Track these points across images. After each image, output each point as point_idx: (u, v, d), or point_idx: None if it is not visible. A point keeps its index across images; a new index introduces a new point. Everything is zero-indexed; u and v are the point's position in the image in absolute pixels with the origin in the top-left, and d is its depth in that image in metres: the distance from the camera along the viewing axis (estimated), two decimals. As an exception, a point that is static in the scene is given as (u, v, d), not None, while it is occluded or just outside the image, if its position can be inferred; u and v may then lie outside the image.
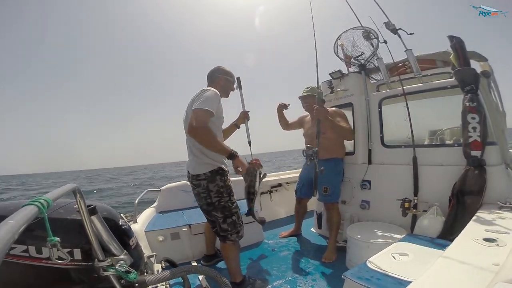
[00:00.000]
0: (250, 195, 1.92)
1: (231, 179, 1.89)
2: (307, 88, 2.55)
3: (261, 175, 1.92)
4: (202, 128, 1.57)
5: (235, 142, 2.18)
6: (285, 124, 2.78)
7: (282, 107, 2.69)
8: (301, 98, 2.58)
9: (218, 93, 1.74)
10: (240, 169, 1.75)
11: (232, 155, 1.69)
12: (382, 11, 2.21)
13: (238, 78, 2.16)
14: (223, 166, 1.80)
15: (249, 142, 2.30)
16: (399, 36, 2.20)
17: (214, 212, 1.78)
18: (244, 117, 2.23)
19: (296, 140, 2.85)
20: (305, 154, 2.36)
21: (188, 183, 2.49)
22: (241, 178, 2.06)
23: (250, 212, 2.00)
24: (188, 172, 1.85)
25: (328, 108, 2.46)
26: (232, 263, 1.85)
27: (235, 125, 2.24)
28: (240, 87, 2.21)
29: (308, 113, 2.67)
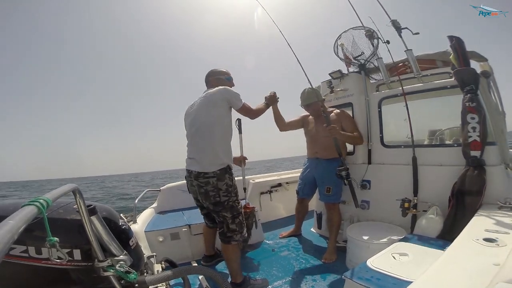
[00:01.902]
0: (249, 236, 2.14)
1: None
2: (303, 94, 2.48)
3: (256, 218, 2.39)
4: (254, 113, 1.95)
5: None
6: (283, 124, 2.53)
7: (274, 99, 2.23)
8: (304, 107, 2.54)
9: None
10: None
11: (267, 105, 2.11)
12: (385, 11, 2.21)
13: (239, 120, 2.20)
14: (230, 164, 1.84)
15: (245, 189, 2.46)
16: (400, 36, 2.20)
17: (224, 212, 1.77)
18: (241, 160, 2.27)
19: (300, 147, 2.84)
20: (339, 176, 2.24)
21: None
22: (236, 178, 2.19)
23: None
24: (189, 171, 1.84)
25: (334, 110, 2.47)
26: (234, 264, 1.84)
27: None
28: (240, 131, 2.25)
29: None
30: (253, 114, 1.94)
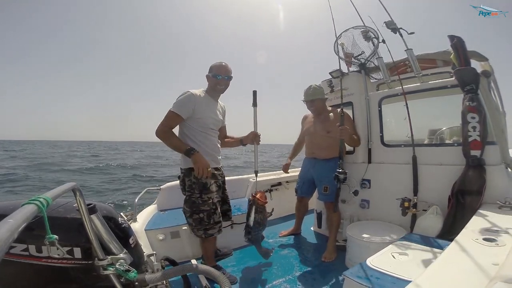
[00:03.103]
0: (247, 227, 1.98)
1: (228, 178, 1.91)
2: (309, 89, 2.48)
3: (260, 211, 1.97)
4: (159, 132, 1.77)
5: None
6: (301, 146, 2.82)
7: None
8: (307, 102, 2.50)
9: (193, 94, 1.82)
10: (197, 167, 1.75)
11: (187, 152, 1.75)
12: (386, 9, 2.21)
13: (254, 92, 2.04)
14: None
15: (256, 172, 2.14)
16: (401, 35, 2.20)
17: (185, 206, 1.90)
18: (252, 138, 2.07)
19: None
20: (335, 177, 2.20)
21: None
22: (238, 177, 2.02)
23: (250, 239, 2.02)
24: None
25: (334, 110, 2.47)
26: (203, 252, 2.03)
27: (240, 141, 2.15)
28: (254, 104, 2.04)
29: (307, 112, 2.67)
30: (160, 127, 1.78)
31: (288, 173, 2.88)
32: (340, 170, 2.20)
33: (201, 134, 1.87)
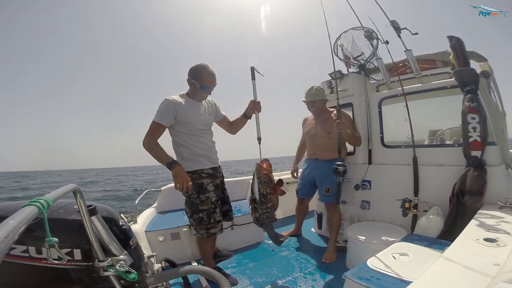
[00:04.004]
0: (253, 202, 1.82)
1: (228, 179, 1.91)
2: (310, 90, 2.48)
3: (264, 181, 1.77)
4: (144, 143, 1.79)
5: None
6: (304, 150, 2.80)
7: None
8: (308, 103, 2.50)
9: (171, 100, 1.81)
10: (176, 181, 1.76)
11: (168, 165, 1.75)
12: (383, 11, 2.22)
13: (252, 68, 2.04)
14: (194, 169, 1.89)
15: (259, 139, 2.03)
16: (399, 36, 2.20)
17: (185, 207, 1.95)
18: (252, 107, 2.05)
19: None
20: (335, 170, 2.18)
21: None
22: (238, 178, 1.97)
23: (257, 222, 1.86)
24: None
25: (334, 110, 2.48)
26: (201, 253, 2.07)
27: (244, 116, 2.13)
28: (253, 78, 2.04)
29: (308, 114, 2.68)
30: (145, 138, 1.80)
31: (296, 178, 2.85)
32: (340, 163, 2.16)
33: (192, 138, 1.89)
